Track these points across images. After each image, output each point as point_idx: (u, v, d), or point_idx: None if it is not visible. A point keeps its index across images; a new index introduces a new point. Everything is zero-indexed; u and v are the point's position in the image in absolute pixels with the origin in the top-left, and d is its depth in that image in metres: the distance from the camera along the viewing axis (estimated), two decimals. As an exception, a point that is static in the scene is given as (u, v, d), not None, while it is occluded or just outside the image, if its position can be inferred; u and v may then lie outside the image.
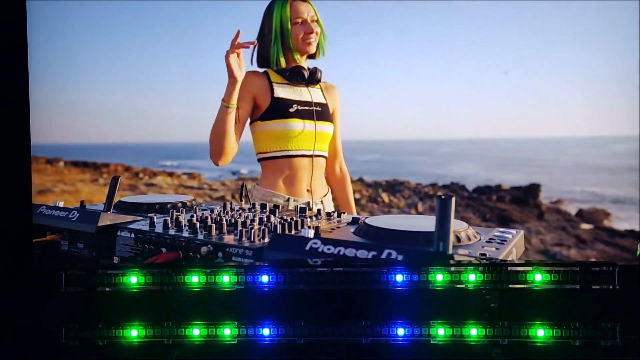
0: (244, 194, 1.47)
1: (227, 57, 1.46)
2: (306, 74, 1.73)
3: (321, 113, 1.76)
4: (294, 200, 1.67)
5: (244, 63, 1.51)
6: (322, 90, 1.82)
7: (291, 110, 1.69)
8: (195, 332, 1.07)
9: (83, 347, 1.09)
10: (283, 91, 1.72)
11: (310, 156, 1.72)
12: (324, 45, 1.79)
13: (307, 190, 1.72)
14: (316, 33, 1.72)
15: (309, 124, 1.70)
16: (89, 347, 1.08)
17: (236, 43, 1.46)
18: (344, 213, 1.21)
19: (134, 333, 1.09)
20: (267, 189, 1.68)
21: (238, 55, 1.48)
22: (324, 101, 1.79)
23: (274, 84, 1.73)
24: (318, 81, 1.78)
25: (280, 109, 1.69)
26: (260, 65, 1.76)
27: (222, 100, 1.53)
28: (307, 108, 1.72)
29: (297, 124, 1.68)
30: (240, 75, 1.49)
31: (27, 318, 1.17)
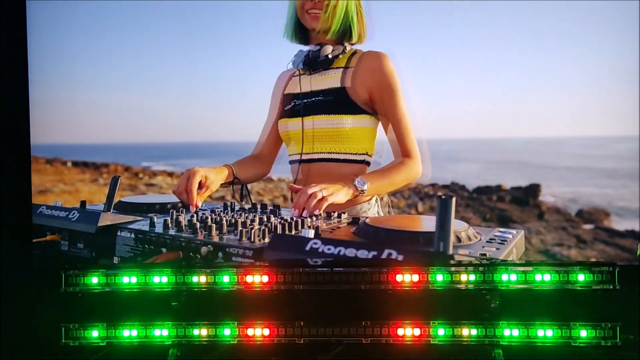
0: (244, 194, 1.47)
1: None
2: (300, 57, 1.43)
3: (321, 104, 1.41)
4: None
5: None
6: (344, 71, 1.42)
7: (287, 108, 1.49)
8: (195, 332, 1.07)
9: (83, 347, 1.09)
10: (291, 85, 1.52)
11: (297, 162, 1.45)
12: (340, 28, 1.39)
13: None
14: (325, 5, 1.38)
15: (294, 123, 1.44)
16: (89, 347, 1.09)
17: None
18: (344, 213, 1.21)
19: (134, 333, 1.09)
20: None
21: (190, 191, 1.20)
22: (336, 85, 1.41)
23: (294, 77, 1.52)
24: (322, 63, 1.42)
25: (284, 108, 1.50)
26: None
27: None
28: (307, 101, 1.44)
29: (286, 124, 1.46)
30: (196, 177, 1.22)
31: (27, 318, 1.17)
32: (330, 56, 1.41)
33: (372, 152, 1.45)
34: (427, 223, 1.05)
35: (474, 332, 1.02)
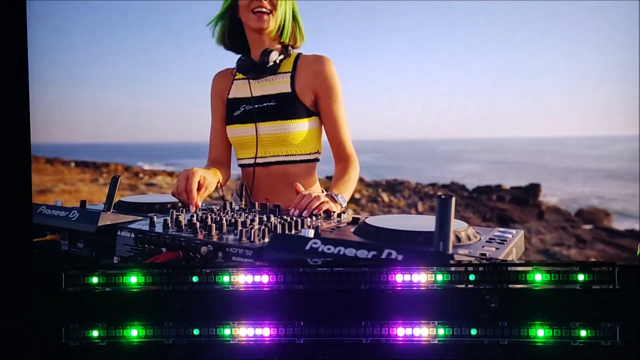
0: (244, 194, 1.47)
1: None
2: (248, 63, 1.43)
3: (270, 110, 1.43)
4: None
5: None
6: (293, 75, 1.45)
7: (237, 113, 1.48)
8: (195, 332, 1.07)
9: (83, 347, 1.09)
10: (236, 90, 1.52)
11: (252, 165, 1.47)
12: (284, 30, 1.42)
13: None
14: (270, 4, 1.39)
15: (246, 129, 1.45)
16: (89, 347, 1.09)
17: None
18: (344, 213, 1.21)
19: (134, 333, 1.09)
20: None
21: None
22: (287, 90, 1.44)
23: (235, 81, 1.53)
24: (270, 68, 1.43)
25: (229, 114, 1.51)
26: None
27: None
28: (258, 106, 1.45)
29: (238, 130, 1.47)
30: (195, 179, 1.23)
31: (27, 318, 1.17)
32: (277, 61, 1.44)
33: (321, 149, 1.53)
34: (427, 223, 1.05)
35: (473, 332, 1.02)
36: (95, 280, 1.10)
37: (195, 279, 1.04)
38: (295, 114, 1.43)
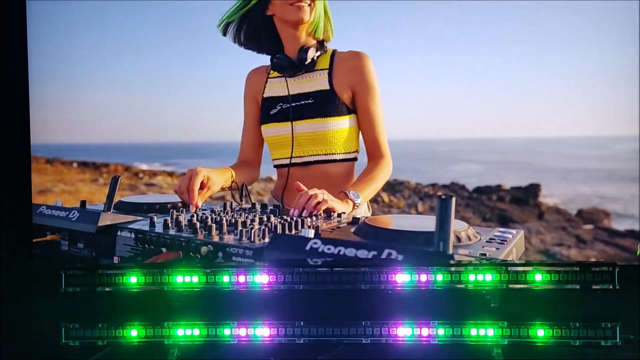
0: (244, 194, 1.47)
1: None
2: (285, 61, 1.40)
3: (308, 107, 1.40)
4: None
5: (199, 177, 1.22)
6: (330, 72, 1.42)
7: (273, 112, 1.46)
8: (195, 332, 1.07)
9: (83, 347, 1.09)
10: (272, 88, 1.49)
11: (287, 165, 1.46)
12: (320, 24, 1.40)
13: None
14: None
15: (283, 127, 1.43)
16: (89, 347, 1.09)
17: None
18: (344, 213, 1.21)
19: (134, 333, 1.09)
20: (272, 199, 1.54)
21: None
22: (325, 87, 1.41)
23: (269, 79, 1.50)
24: (308, 65, 1.41)
25: (265, 112, 1.49)
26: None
27: None
28: (295, 104, 1.43)
29: (274, 129, 1.46)
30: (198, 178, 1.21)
31: (27, 318, 1.17)
32: (315, 57, 1.42)
33: (359, 148, 1.50)
34: (427, 223, 1.05)
35: (473, 332, 1.02)
36: (95, 280, 1.10)
37: (195, 279, 1.04)
38: (334, 111, 1.40)
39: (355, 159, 1.48)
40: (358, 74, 1.41)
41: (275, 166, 1.52)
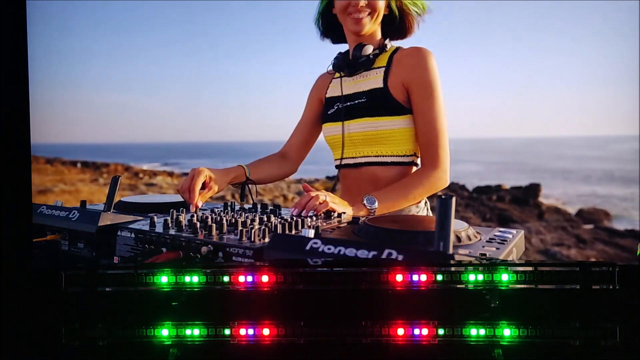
0: (244, 194, 1.47)
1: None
2: (342, 60, 1.40)
3: (360, 106, 1.35)
4: None
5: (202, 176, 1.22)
6: (387, 70, 1.35)
7: (330, 112, 1.44)
8: (195, 332, 1.07)
9: (83, 347, 1.09)
10: (333, 88, 1.49)
11: (339, 167, 1.43)
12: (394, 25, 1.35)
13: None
14: (369, 6, 1.30)
15: (337, 127, 1.40)
16: (89, 347, 1.09)
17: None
18: (344, 213, 1.21)
19: (134, 333, 1.09)
20: None
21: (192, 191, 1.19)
22: (379, 85, 1.33)
23: (333, 79, 1.50)
24: (364, 64, 1.36)
25: (325, 112, 1.48)
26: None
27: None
28: (349, 104, 1.39)
29: (327, 128, 1.45)
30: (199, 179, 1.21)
31: (27, 318, 1.17)
32: (371, 56, 1.36)
33: (419, 152, 1.38)
34: (427, 223, 1.05)
35: (473, 332, 1.02)
36: (95, 280, 1.10)
37: (195, 279, 1.04)
38: (386, 110, 1.31)
39: (412, 162, 1.37)
40: (413, 71, 1.31)
41: (335, 167, 1.48)
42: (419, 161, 1.38)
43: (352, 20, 1.32)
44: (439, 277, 0.99)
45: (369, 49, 1.36)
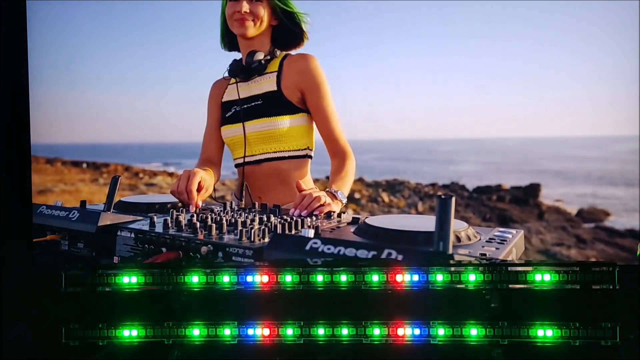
0: (244, 194, 1.47)
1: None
2: (236, 65, 1.51)
3: (257, 108, 1.47)
4: None
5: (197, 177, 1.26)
6: (279, 74, 1.49)
7: (228, 115, 1.54)
8: (195, 332, 1.07)
9: (83, 347, 1.08)
10: (229, 93, 1.58)
11: (242, 165, 1.52)
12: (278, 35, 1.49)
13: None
14: (251, 13, 1.43)
15: (236, 128, 1.50)
16: (89, 347, 1.08)
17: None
18: (344, 213, 1.21)
19: (134, 333, 1.08)
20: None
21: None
22: (273, 89, 1.48)
23: (229, 85, 1.59)
24: (257, 69, 1.48)
25: (223, 116, 1.58)
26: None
27: None
28: (246, 106, 1.50)
29: (228, 130, 1.54)
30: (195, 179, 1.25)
31: (27, 318, 1.17)
32: (262, 61, 1.48)
33: (313, 146, 1.54)
34: (427, 223, 1.05)
35: (473, 332, 1.02)
36: (95, 280, 1.10)
37: (195, 279, 1.04)
38: (281, 110, 1.46)
39: (307, 155, 1.53)
40: (305, 76, 1.47)
41: (235, 166, 1.58)
42: (312, 153, 1.55)
43: (237, 24, 1.44)
44: (439, 277, 0.99)
45: (260, 55, 1.49)
